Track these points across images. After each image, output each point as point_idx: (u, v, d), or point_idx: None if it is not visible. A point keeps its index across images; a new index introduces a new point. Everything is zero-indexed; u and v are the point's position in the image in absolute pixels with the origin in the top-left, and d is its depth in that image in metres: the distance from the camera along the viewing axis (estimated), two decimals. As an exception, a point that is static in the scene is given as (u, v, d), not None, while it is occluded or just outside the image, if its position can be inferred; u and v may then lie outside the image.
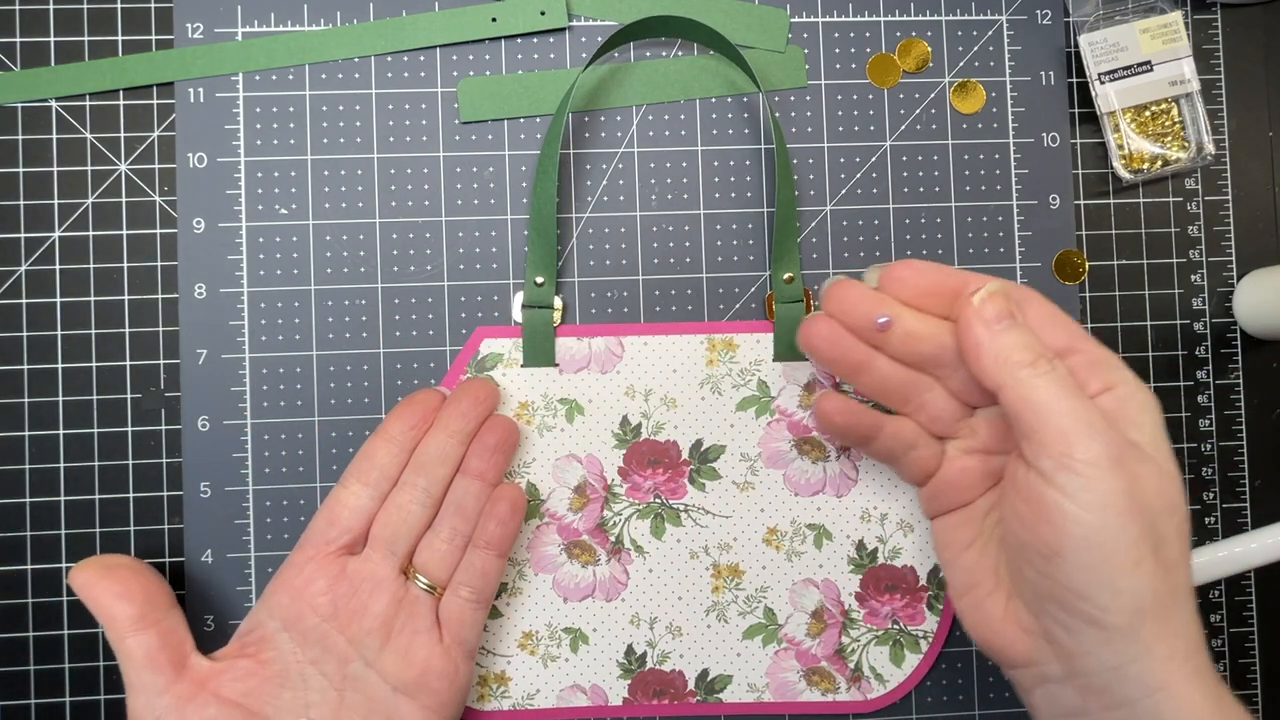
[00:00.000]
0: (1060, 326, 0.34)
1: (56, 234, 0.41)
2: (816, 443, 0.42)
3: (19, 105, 0.42)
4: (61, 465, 0.41)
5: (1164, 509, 0.31)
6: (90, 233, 0.41)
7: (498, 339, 0.42)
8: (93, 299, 0.41)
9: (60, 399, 0.41)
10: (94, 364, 0.41)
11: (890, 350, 0.35)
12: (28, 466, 0.41)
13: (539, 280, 0.41)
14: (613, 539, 0.42)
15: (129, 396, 0.41)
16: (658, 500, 0.42)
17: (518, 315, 0.42)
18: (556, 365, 0.42)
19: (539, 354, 0.42)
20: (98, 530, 0.41)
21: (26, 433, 0.41)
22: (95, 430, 0.41)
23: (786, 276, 0.42)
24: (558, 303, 0.42)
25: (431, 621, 0.37)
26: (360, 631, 0.36)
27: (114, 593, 0.35)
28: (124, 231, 0.42)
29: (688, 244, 0.43)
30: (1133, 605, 0.30)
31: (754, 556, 0.42)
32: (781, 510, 0.42)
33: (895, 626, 0.42)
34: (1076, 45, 0.44)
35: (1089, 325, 0.44)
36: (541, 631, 0.41)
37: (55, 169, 0.41)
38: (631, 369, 0.42)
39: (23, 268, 0.41)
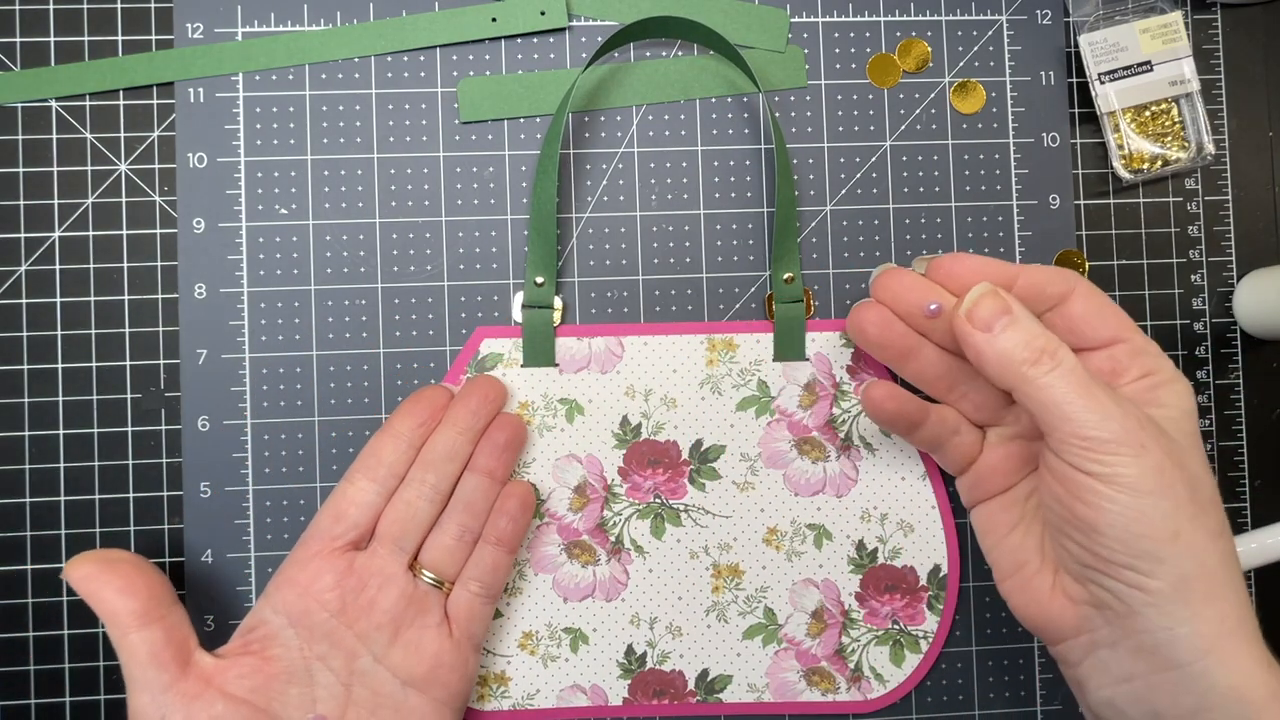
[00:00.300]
0: (1107, 317, 0.34)
1: (56, 234, 0.41)
2: (816, 443, 0.42)
3: (19, 105, 0.42)
4: (61, 465, 0.41)
5: (1194, 481, 0.32)
6: (90, 233, 0.41)
7: (498, 339, 0.42)
8: (93, 299, 0.41)
9: (60, 399, 0.41)
10: (94, 364, 0.41)
11: (937, 338, 0.36)
12: (28, 466, 0.41)
13: (539, 280, 0.41)
14: (613, 539, 0.42)
15: (129, 396, 0.41)
16: (658, 500, 0.42)
17: (518, 315, 0.42)
18: (556, 365, 0.42)
19: (539, 354, 0.42)
20: (98, 530, 0.41)
21: (26, 433, 0.41)
22: (95, 430, 0.41)
23: (786, 276, 0.42)
24: (558, 303, 0.42)
25: (440, 616, 0.37)
26: (369, 626, 0.36)
27: (116, 587, 0.34)
28: (124, 231, 0.42)
29: (688, 244, 0.43)
30: (1176, 573, 0.30)
31: (754, 556, 0.42)
32: (781, 510, 0.42)
33: (895, 626, 0.42)
34: (1076, 45, 0.44)
35: (1089, 325, 0.44)
36: (541, 631, 0.41)
37: (55, 169, 0.41)
38: (631, 369, 0.42)
39: (23, 268, 0.41)
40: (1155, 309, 0.44)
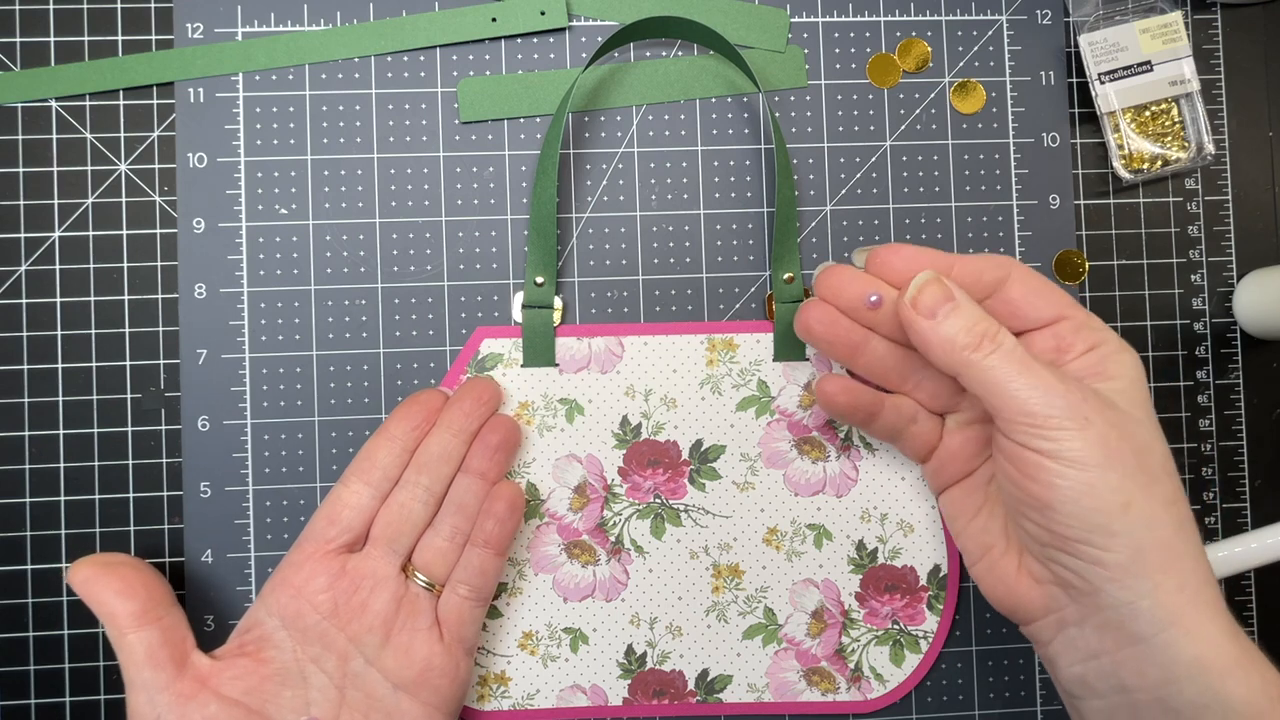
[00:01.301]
0: (1046, 297, 0.35)
1: (56, 234, 0.41)
2: (816, 443, 0.42)
3: (19, 105, 0.42)
4: (61, 465, 0.41)
5: (1142, 450, 0.32)
6: (90, 233, 0.41)
7: (498, 339, 0.42)
8: (93, 299, 0.41)
9: (60, 399, 0.41)
10: (94, 364, 0.41)
11: (884, 330, 0.36)
12: (28, 466, 0.41)
13: (539, 280, 0.41)
14: (613, 539, 0.42)
15: (129, 396, 0.41)
16: (658, 500, 0.42)
17: (518, 315, 0.42)
18: (556, 365, 0.42)
19: (539, 354, 0.42)
20: (98, 530, 0.41)
21: (26, 433, 0.41)
22: (95, 430, 0.41)
23: (786, 276, 0.42)
24: (558, 303, 0.42)
25: (432, 619, 0.37)
26: (361, 629, 0.36)
27: (114, 589, 0.35)
28: (124, 231, 0.42)
29: (688, 244, 0.43)
30: (1131, 545, 0.31)
31: (754, 556, 0.42)
32: (781, 510, 0.42)
33: (895, 626, 0.42)
34: (1076, 45, 0.44)
35: (1089, 325, 0.44)
36: (541, 631, 0.41)
37: (55, 169, 0.41)
38: (631, 369, 0.42)
39: (23, 268, 0.41)
40: (1155, 309, 0.44)
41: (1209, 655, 0.30)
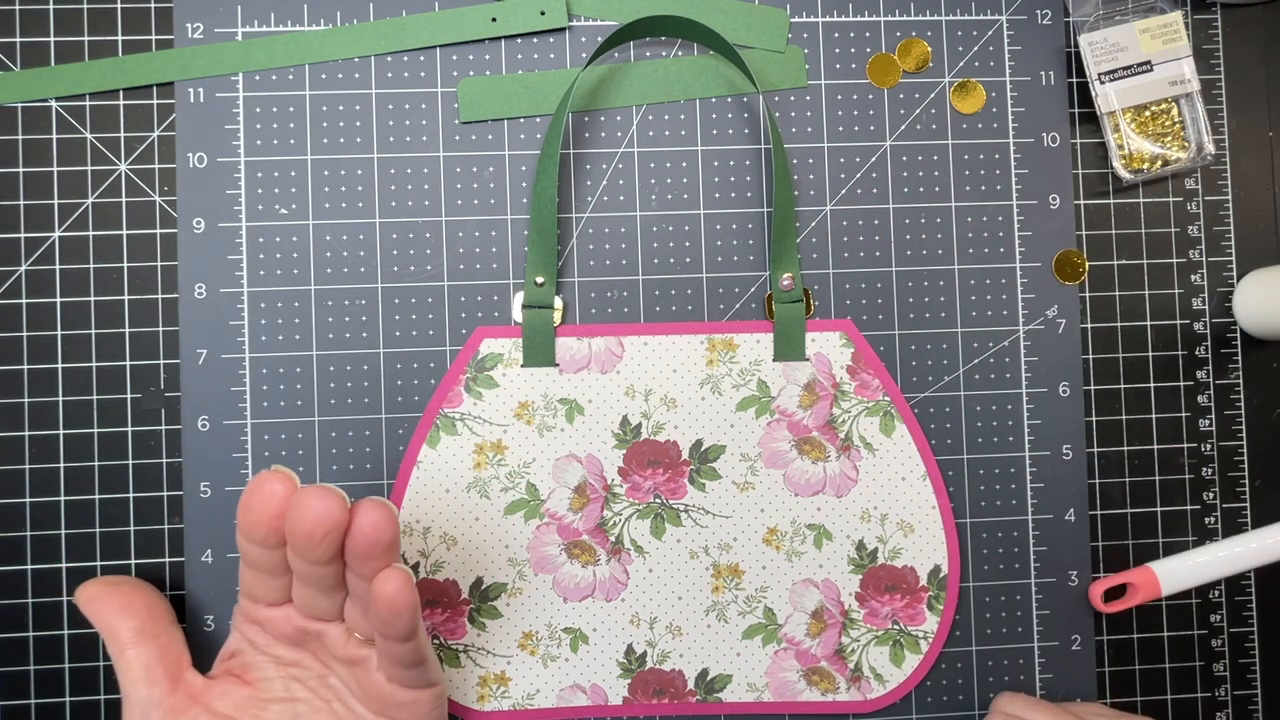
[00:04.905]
0: None
1: (56, 234, 0.41)
2: (816, 443, 0.42)
3: (19, 105, 0.42)
4: (61, 465, 0.41)
5: None
6: (90, 233, 0.41)
7: (498, 339, 0.42)
8: (93, 299, 0.41)
9: (60, 399, 0.41)
10: (94, 364, 0.41)
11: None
12: (28, 466, 0.41)
13: (539, 280, 0.41)
14: (613, 539, 0.42)
15: (129, 396, 0.41)
16: (658, 500, 0.42)
17: (518, 315, 0.42)
18: (556, 365, 0.42)
19: (539, 354, 0.42)
20: (98, 530, 0.41)
21: (26, 433, 0.41)
22: (95, 430, 0.41)
23: (785, 277, 0.42)
24: (558, 303, 0.42)
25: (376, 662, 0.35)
26: (329, 659, 0.36)
27: (116, 606, 0.36)
28: (124, 231, 0.42)
29: (688, 244, 0.43)
30: None
31: (754, 556, 0.42)
32: (781, 510, 0.42)
33: (895, 627, 0.42)
34: (1076, 45, 0.44)
35: (1089, 325, 0.44)
36: (541, 631, 0.41)
37: (55, 169, 0.41)
38: (631, 369, 0.42)
39: (23, 268, 0.41)
40: (1155, 309, 0.44)
41: None
